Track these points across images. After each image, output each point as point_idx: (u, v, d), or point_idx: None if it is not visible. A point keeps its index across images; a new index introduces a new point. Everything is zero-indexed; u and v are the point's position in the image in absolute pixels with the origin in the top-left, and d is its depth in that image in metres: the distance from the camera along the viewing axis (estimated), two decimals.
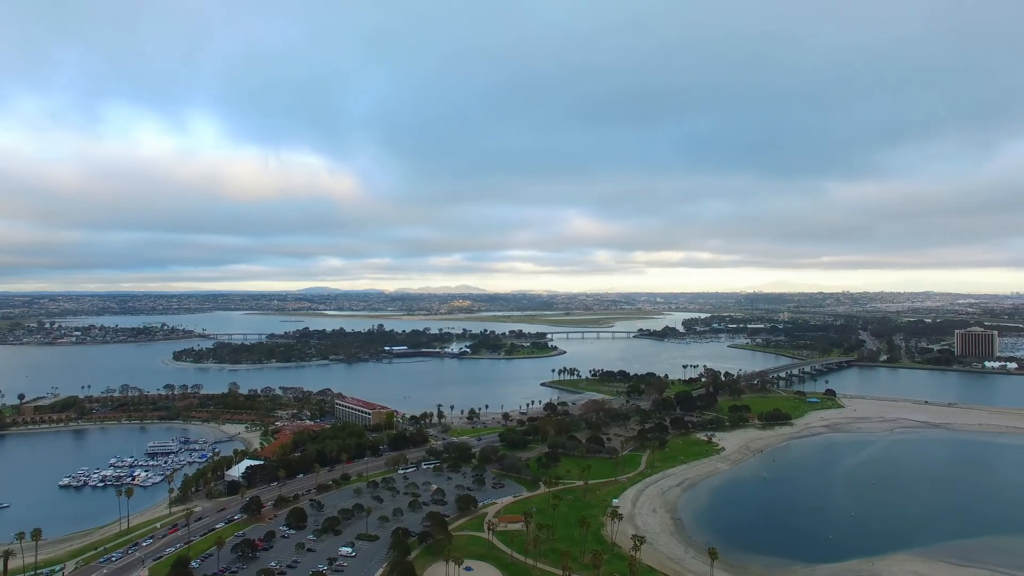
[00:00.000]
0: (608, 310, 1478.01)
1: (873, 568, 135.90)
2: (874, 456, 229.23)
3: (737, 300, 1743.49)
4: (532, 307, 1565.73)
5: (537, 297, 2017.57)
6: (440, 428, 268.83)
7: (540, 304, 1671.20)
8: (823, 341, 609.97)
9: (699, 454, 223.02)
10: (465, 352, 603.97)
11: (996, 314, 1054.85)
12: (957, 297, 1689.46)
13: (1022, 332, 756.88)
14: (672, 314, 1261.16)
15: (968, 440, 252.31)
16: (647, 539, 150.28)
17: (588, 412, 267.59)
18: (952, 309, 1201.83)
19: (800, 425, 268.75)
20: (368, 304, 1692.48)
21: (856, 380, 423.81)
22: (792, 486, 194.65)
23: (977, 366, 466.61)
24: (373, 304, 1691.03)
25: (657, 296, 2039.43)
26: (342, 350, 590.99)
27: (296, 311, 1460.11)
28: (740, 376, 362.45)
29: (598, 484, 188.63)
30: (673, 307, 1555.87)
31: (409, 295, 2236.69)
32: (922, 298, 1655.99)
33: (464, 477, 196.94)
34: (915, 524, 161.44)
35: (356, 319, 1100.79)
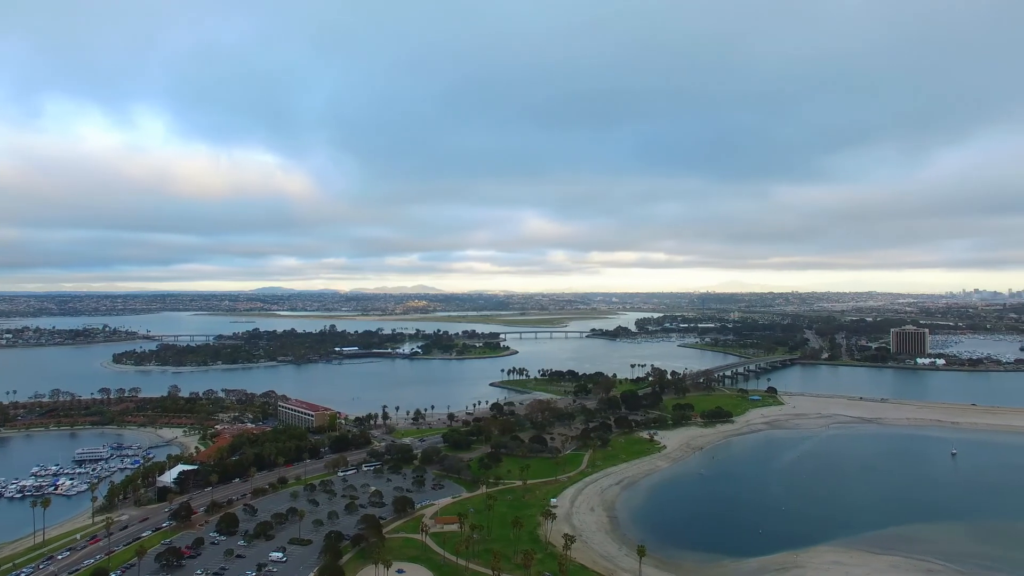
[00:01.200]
0: (563, 310, 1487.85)
1: (797, 560, 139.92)
2: (809, 451, 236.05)
3: (690, 300, 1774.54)
4: (488, 307, 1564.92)
5: (494, 297, 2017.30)
6: (384, 430, 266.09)
7: (496, 304, 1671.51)
8: (769, 340, 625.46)
9: (640, 452, 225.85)
10: (416, 353, 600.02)
11: (931, 313, 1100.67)
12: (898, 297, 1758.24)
13: (952, 330, 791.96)
14: (626, 314, 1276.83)
15: (896, 434, 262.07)
16: (582, 537, 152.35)
17: (533, 412, 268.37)
18: (892, 308, 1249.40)
19: (741, 422, 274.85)
20: (322, 304, 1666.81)
21: (799, 378, 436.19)
22: (728, 482, 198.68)
23: (910, 363, 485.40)
24: (327, 304, 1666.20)
25: (612, 296, 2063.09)
26: (291, 351, 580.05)
27: (248, 311, 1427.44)
28: (686, 375, 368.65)
29: (538, 484, 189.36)
30: (628, 307, 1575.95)
31: (365, 295, 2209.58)
32: (865, 298, 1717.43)
33: (404, 479, 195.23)
34: (840, 516, 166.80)
35: (309, 319, 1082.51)
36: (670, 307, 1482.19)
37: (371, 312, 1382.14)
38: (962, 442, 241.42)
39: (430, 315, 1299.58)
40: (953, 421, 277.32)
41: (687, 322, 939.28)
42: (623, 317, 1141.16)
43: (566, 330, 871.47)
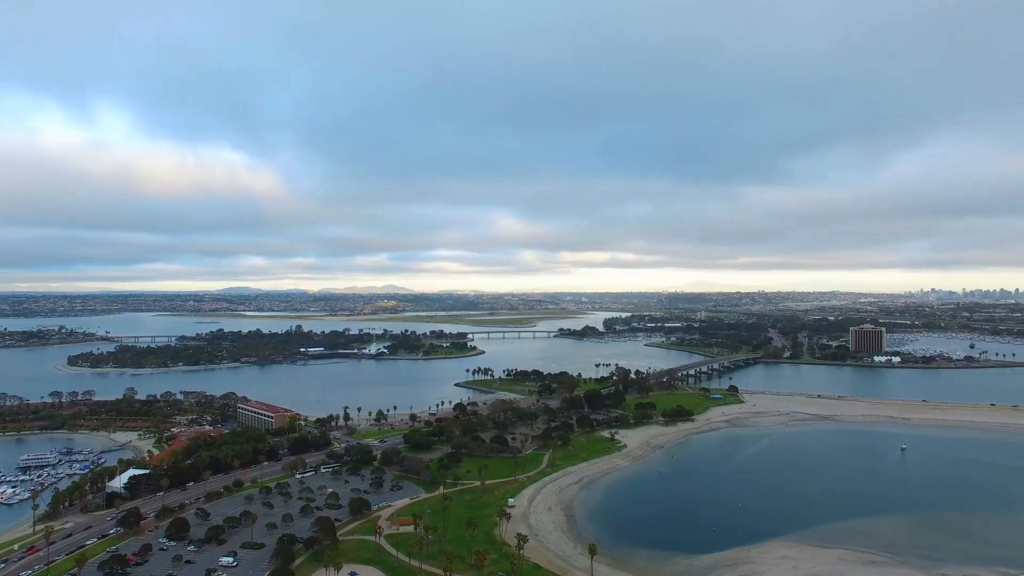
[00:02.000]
0: (533, 310, 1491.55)
1: (748, 555, 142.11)
2: (766, 448, 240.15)
3: (659, 300, 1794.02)
4: (458, 307, 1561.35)
5: (463, 297, 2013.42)
6: (345, 431, 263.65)
7: (466, 304, 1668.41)
8: (734, 339, 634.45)
9: (601, 451, 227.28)
10: (383, 353, 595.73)
11: (890, 312, 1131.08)
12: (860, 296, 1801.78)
13: (909, 328, 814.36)
14: (595, 314, 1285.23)
15: (850, 430, 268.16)
16: (538, 537, 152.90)
17: (496, 412, 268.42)
18: (854, 308, 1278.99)
19: (701, 421, 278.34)
20: (290, 304, 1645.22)
21: (761, 376, 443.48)
22: (686, 480, 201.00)
23: (868, 360, 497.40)
24: (295, 304, 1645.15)
25: (582, 296, 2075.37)
26: (256, 352, 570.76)
27: (213, 312, 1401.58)
28: (650, 374, 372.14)
29: (497, 484, 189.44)
30: (597, 307, 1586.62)
31: (333, 295, 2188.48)
32: (829, 297, 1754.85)
33: (362, 480, 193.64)
34: (792, 511, 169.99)
35: (276, 320, 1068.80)
36: (639, 307, 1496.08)
37: (339, 312, 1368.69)
38: (912, 437, 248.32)
39: (399, 315, 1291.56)
40: (904, 417, 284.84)
41: (655, 322, 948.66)
42: (592, 317, 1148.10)
43: (534, 330, 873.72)
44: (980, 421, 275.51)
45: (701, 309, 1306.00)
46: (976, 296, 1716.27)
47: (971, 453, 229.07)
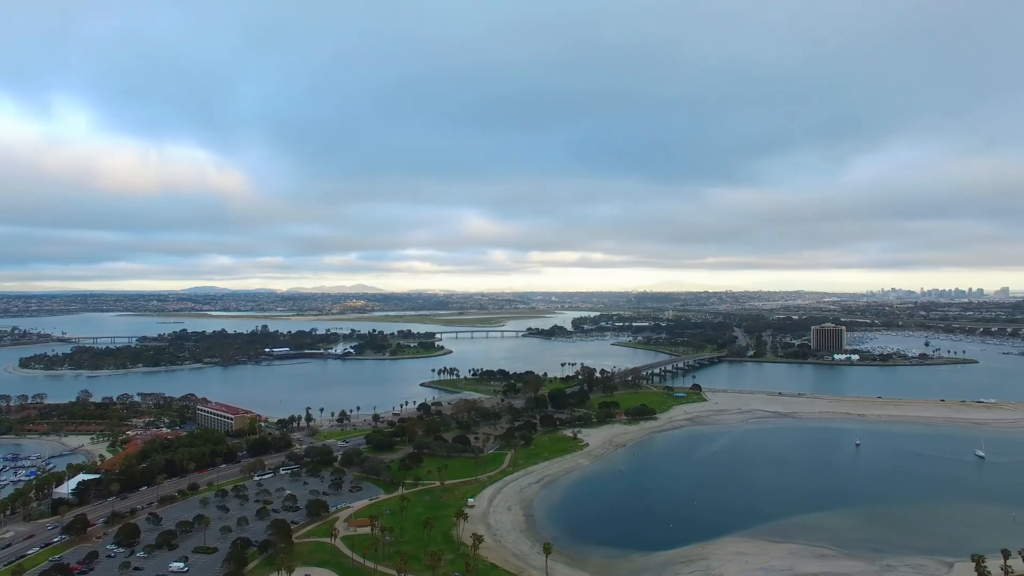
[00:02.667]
0: (502, 309, 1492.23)
1: (703, 551, 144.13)
2: (726, 446, 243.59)
3: (628, 299, 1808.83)
4: (428, 307, 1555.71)
5: (433, 297, 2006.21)
6: (307, 432, 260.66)
7: (436, 304, 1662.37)
8: (700, 338, 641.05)
9: (563, 450, 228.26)
10: (349, 353, 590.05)
11: (852, 311, 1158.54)
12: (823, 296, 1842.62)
13: (868, 327, 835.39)
14: (564, 313, 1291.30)
15: (808, 427, 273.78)
16: (497, 536, 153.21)
17: (459, 412, 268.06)
18: (818, 307, 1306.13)
19: (664, 419, 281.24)
20: (257, 304, 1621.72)
21: (725, 374, 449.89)
22: (646, 478, 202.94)
23: (828, 358, 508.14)
24: (263, 304, 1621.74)
25: (552, 295, 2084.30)
26: (219, 352, 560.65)
27: (177, 312, 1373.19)
28: (615, 373, 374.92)
29: (457, 484, 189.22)
30: (567, 306, 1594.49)
31: (302, 295, 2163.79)
32: (794, 297, 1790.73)
33: (322, 481, 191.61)
34: (748, 507, 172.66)
35: (242, 320, 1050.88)
36: (608, 306, 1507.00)
37: (307, 312, 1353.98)
38: (866, 433, 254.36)
39: (368, 315, 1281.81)
40: (860, 413, 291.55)
41: (623, 321, 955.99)
42: (561, 316, 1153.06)
43: (503, 329, 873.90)
44: (929, 416, 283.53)
45: (669, 308, 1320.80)
46: (933, 296, 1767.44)
47: (919, 447, 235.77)
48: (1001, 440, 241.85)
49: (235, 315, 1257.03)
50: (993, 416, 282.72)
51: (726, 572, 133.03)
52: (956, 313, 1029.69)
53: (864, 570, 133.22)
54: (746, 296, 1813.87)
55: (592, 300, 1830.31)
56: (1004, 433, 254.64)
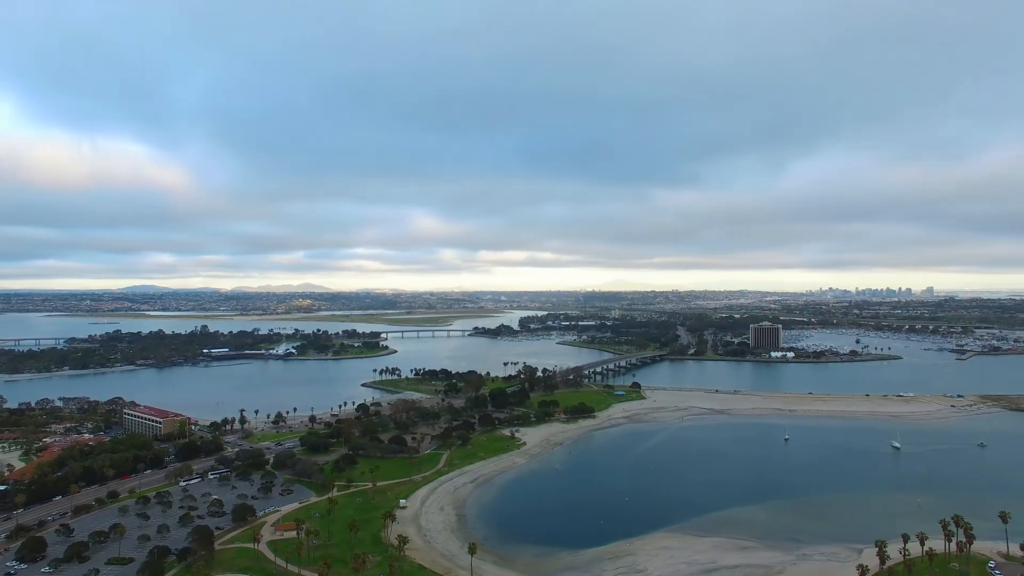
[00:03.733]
0: (451, 309, 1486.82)
1: (631, 548, 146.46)
2: (661, 443, 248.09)
3: (576, 299, 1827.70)
4: (376, 306, 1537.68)
5: (382, 296, 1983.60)
6: (240, 434, 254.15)
7: (384, 303, 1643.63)
8: (644, 337, 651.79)
9: (500, 450, 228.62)
10: (291, 353, 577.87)
11: (791, 309, 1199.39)
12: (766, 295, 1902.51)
13: (805, 325, 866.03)
14: (512, 312, 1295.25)
15: (741, 423, 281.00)
16: (427, 537, 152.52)
17: (397, 412, 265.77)
18: (759, 306, 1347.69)
19: (602, 417, 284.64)
20: (199, 304, 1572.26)
21: (667, 372, 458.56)
22: (581, 476, 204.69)
23: (766, 356, 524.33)
24: (205, 304, 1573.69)
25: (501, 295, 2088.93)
26: (154, 354, 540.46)
27: (112, 312, 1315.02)
28: (556, 372, 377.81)
29: (391, 485, 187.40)
30: (515, 305, 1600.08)
31: (247, 294, 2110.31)
32: (737, 296, 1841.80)
33: (252, 485, 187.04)
34: (678, 503, 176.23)
35: (181, 320, 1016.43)
36: (556, 305, 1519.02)
37: (251, 312, 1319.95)
38: (795, 428, 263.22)
39: (314, 314, 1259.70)
40: (791, 409, 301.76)
41: (569, 320, 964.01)
42: (509, 316, 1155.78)
43: (449, 329, 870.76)
44: (854, 411, 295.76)
45: (616, 308, 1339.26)
46: (866, 295, 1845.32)
47: (843, 440, 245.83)
48: (915, 431, 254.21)
49: (175, 315, 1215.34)
50: (910, 409, 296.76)
51: (651, 567, 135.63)
52: (886, 312, 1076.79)
53: (781, 560, 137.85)
54: (691, 295, 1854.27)
55: (541, 299, 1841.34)
56: (918, 425, 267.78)
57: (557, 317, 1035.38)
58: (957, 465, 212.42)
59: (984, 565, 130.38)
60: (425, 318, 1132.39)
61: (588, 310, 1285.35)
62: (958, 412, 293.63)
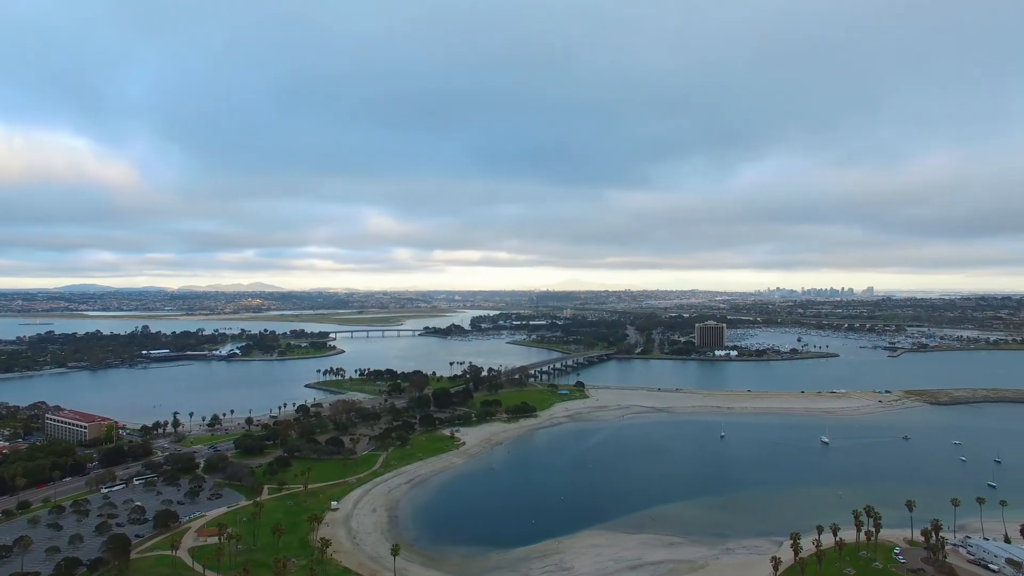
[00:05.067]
0: (404, 308, 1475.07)
1: (559, 546, 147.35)
2: (600, 441, 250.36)
3: (530, 298, 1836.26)
4: (328, 305, 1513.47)
5: (334, 295, 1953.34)
6: (173, 438, 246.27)
7: (336, 303, 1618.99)
8: (594, 336, 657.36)
9: (439, 450, 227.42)
10: (235, 354, 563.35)
11: (739, 309, 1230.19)
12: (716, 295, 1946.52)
13: (751, 324, 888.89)
14: (465, 312, 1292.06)
15: (680, 421, 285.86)
16: (357, 539, 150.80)
17: (337, 413, 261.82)
18: (709, 305, 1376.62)
19: (544, 416, 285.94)
20: (143, 303, 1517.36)
21: (614, 371, 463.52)
22: (518, 475, 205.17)
23: (710, 354, 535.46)
24: (149, 303, 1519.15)
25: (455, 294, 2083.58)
26: (88, 355, 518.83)
27: (47, 312, 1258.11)
28: (501, 372, 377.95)
29: (324, 487, 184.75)
30: (469, 305, 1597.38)
31: (194, 293, 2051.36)
32: (688, 296, 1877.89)
33: (179, 490, 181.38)
34: (610, 501, 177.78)
35: (122, 320, 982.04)
36: (510, 305, 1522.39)
37: (198, 312, 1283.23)
38: (732, 425, 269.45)
39: (263, 314, 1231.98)
40: (729, 406, 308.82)
41: (521, 320, 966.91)
42: (461, 315, 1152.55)
43: (400, 328, 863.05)
44: (789, 407, 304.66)
45: (568, 307, 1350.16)
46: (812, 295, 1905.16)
47: (776, 436, 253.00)
48: (844, 426, 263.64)
49: (115, 315, 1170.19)
50: (841, 404, 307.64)
51: (577, 565, 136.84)
52: (828, 311, 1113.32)
53: (705, 554, 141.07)
54: (644, 295, 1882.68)
55: (495, 299, 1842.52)
56: (847, 420, 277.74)
57: (509, 317, 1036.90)
58: (880, 457, 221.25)
59: (891, 551, 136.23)
60: (377, 318, 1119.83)
61: (541, 310, 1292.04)
62: (884, 407, 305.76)
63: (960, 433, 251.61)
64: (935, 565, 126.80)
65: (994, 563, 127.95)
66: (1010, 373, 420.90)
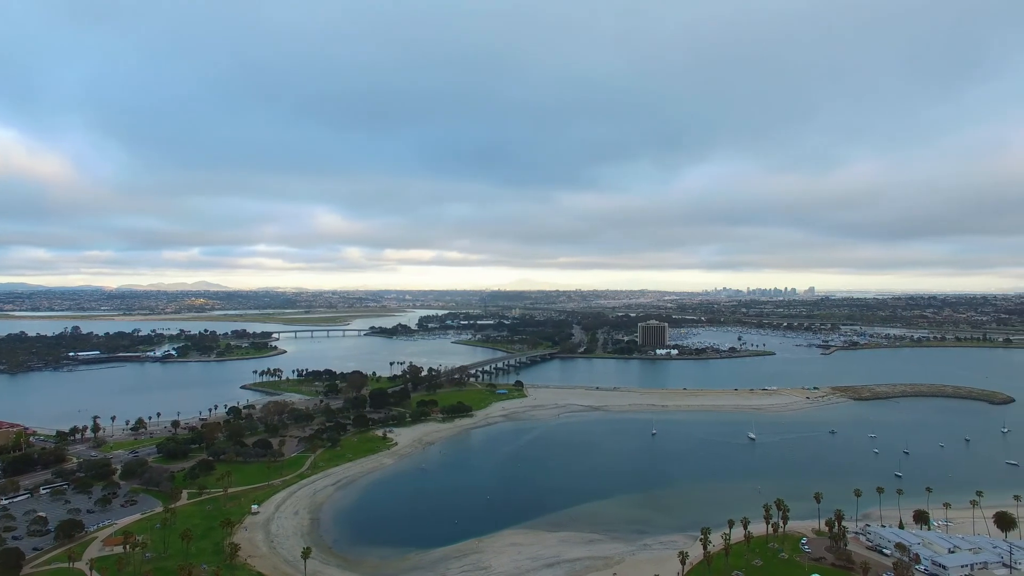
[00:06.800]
0: (353, 308, 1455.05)
1: (479, 546, 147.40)
2: (533, 440, 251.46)
3: (481, 298, 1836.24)
4: (275, 305, 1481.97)
5: (281, 295, 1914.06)
6: (92, 443, 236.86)
7: (283, 302, 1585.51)
8: (540, 335, 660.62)
9: (370, 450, 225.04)
10: (170, 355, 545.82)
11: (686, 308, 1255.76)
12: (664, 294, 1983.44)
13: (695, 323, 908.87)
14: (414, 312, 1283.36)
15: (615, 419, 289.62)
16: (275, 543, 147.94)
17: (269, 414, 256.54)
18: (657, 305, 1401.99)
19: (480, 416, 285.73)
20: (78, 303, 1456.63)
21: (556, 371, 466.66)
22: (447, 475, 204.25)
23: (652, 353, 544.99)
24: (84, 303, 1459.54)
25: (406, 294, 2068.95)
26: (7, 358, 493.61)
27: None
28: (441, 371, 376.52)
29: (248, 490, 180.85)
30: (420, 304, 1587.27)
31: (134, 293, 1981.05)
32: (637, 295, 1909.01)
33: (90, 498, 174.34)
34: (536, 499, 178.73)
35: (53, 320, 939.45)
36: (461, 304, 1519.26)
37: (136, 312, 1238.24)
38: (665, 422, 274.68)
39: (207, 314, 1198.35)
40: (663, 404, 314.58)
41: (469, 319, 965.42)
42: (410, 315, 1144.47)
43: (346, 328, 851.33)
44: (721, 404, 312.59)
45: (517, 307, 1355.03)
46: (756, 294, 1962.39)
47: (706, 433, 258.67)
48: (771, 423, 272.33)
49: (45, 315, 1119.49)
50: (771, 401, 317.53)
51: (495, 564, 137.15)
52: (770, 310, 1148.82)
53: (622, 551, 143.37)
54: (594, 295, 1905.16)
55: (446, 298, 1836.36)
56: (775, 416, 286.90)
57: (457, 316, 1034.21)
58: (802, 452, 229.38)
59: (798, 542, 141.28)
60: (323, 317, 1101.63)
61: (490, 309, 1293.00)
62: (811, 403, 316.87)
63: (877, 427, 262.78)
64: (836, 553, 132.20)
65: (887, 548, 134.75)
66: (927, 369, 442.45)
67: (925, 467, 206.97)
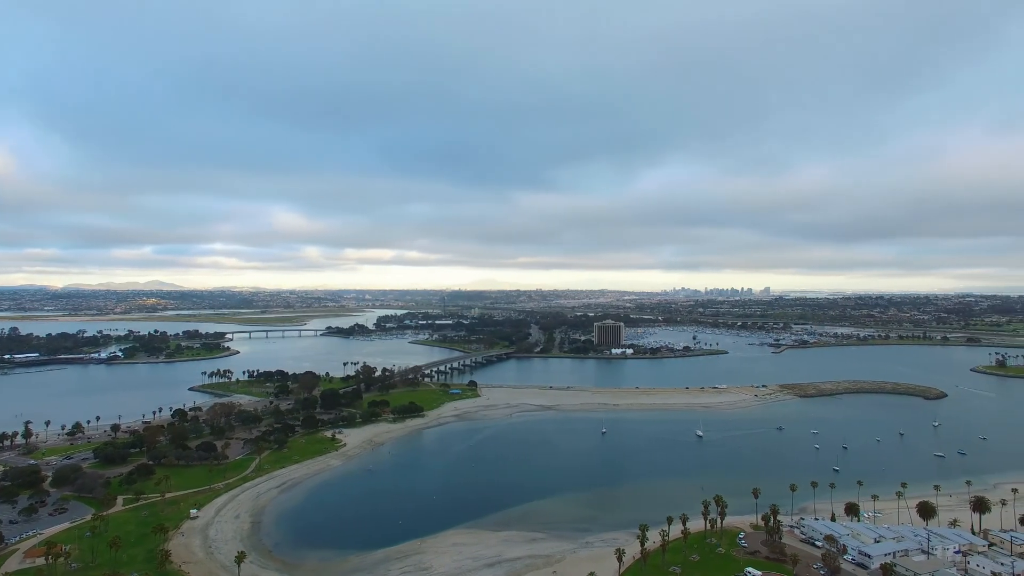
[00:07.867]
0: (311, 307, 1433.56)
1: (422, 546, 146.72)
2: (484, 440, 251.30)
3: (441, 297, 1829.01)
4: (230, 304, 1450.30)
5: (238, 294, 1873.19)
6: (22, 450, 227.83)
7: (239, 302, 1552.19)
8: (497, 335, 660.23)
9: (318, 452, 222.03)
10: (116, 356, 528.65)
11: (645, 308, 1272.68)
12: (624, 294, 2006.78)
13: (653, 323, 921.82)
14: (373, 311, 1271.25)
15: (567, 418, 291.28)
16: (212, 548, 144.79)
17: (216, 416, 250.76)
18: (616, 305, 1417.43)
19: (432, 416, 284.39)
20: (19, 303, 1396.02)
21: (512, 370, 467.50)
22: (393, 476, 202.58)
23: (607, 353, 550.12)
24: (25, 303, 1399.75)
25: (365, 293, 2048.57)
26: None
27: None
28: (395, 371, 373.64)
29: (188, 494, 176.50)
30: (379, 304, 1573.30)
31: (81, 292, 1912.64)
32: (597, 295, 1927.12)
33: (12, 508, 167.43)
34: (481, 499, 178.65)
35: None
36: (420, 304, 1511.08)
37: (83, 312, 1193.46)
38: (615, 421, 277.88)
39: (159, 314, 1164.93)
40: (615, 403, 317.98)
41: (428, 319, 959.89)
42: (368, 315, 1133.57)
43: (302, 328, 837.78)
44: (672, 403, 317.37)
45: (477, 306, 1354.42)
46: (714, 294, 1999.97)
47: (656, 431, 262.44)
48: (718, 420, 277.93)
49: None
50: (720, 399, 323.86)
51: (436, 564, 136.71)
52: (726, 310, 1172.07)
53: (563, 549, 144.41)
54: (554, 294, 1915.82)
55: (406, 298, 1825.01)
56: (722, 414, 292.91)
57: (416, 316, 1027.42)
58: (747, 448, 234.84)
59: (735, 537, 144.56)
60: (280, 317, 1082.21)
61: (449, 309, 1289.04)
62: (759, 401, 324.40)
63: (820, 423, 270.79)
64: (770, 546, 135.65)
65: (818, 540, 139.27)
66: (870, 366, 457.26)
67: (861, 461, 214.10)
